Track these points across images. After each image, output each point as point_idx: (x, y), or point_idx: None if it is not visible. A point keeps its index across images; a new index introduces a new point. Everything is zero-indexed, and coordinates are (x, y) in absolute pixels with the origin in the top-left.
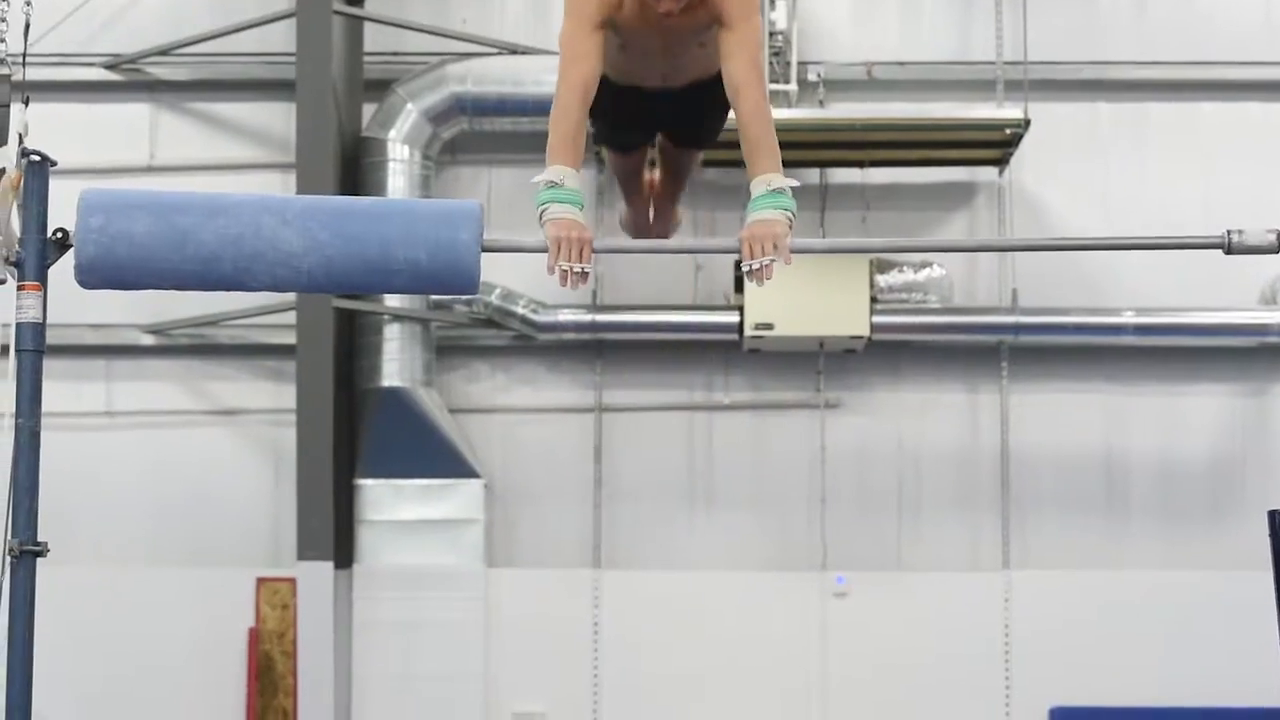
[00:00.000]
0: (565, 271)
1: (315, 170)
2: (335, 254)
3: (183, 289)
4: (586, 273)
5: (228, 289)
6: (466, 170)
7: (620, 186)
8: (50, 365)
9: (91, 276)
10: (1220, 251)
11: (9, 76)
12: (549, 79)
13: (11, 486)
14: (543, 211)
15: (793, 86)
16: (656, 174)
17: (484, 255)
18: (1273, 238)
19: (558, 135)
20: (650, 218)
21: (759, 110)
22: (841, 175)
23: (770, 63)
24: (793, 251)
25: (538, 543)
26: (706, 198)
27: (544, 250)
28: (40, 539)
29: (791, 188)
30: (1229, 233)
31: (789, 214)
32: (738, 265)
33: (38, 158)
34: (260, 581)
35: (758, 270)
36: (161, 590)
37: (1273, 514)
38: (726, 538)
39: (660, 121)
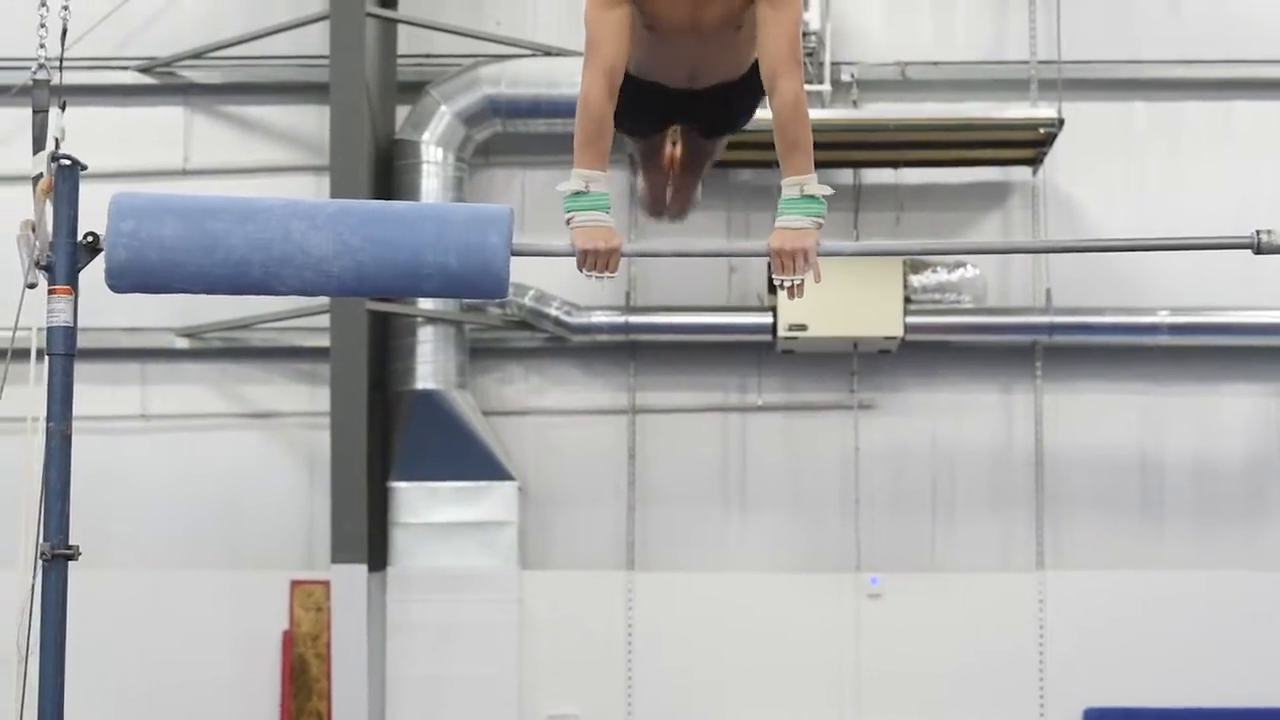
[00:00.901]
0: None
1: (349, 173)
2: (365, 258)
3: (213, 293)
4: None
5: (258, 293)
6: (500, 172)
7: (638, 161)
8: (84, 369)
9: (122, 280)
10: (1251, 252)
11: (47, 81)
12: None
13: (43, 490)
14: (569, 219)
15: (826, 87)
16: (678, 149)
17: (517, 258)
18: None
19: (582, 136)
20: (668, 196)
21: (797, 102)
22: (875, 176)
23: (804, 63)
24: (823, 255)
25: (571, 545)
26: (740, 198)
27: (573, 255)
28: (73, 543)
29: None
30: (1258, 232)
31: (819, 220)
32: (770, 268)
33: (68, 162)
34: (294, 584)
35: (789, 288)
36: (196, 593)
37: None
38: (760, 539)
39: (684, 117)
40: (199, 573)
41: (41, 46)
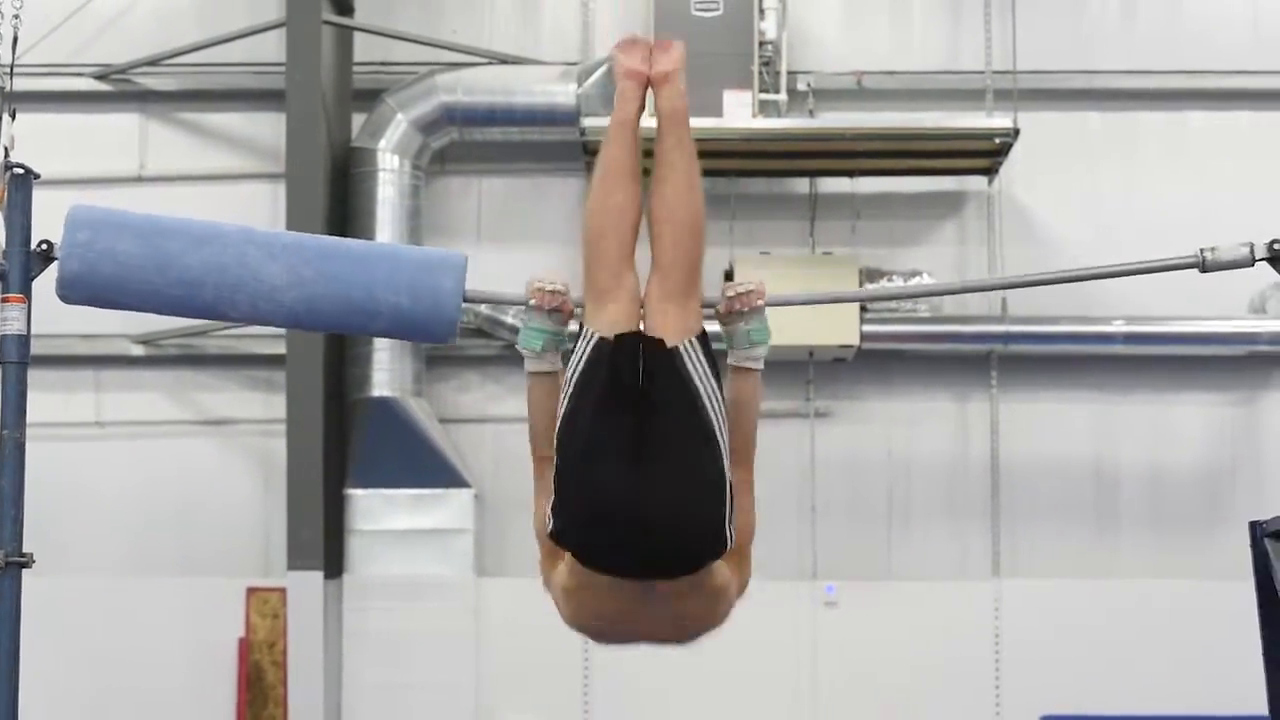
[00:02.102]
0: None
1: (305, 181)
2: (319, 292)
3: (163, 313)
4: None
5: (209, 317)
6: (456, 180)
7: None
8: (39, 376)
9: (73, 292)
10: (1198, 271)
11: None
12: (539, 89)
13: None
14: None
15: (782, 96)
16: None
17: (475, 262)
18: (1245, 252)
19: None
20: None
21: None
22: (831, 184)
23: (760, 72)
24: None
25: (528, 552)
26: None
27: (522, 303)
28: (27, 550)
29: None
30: (1202, 251)
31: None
32: (727, 275)
33: (21, 170)
34: (250, 591)
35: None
36: (151, 601)
37: (1254, 525)
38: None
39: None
40: (154, 580)
41: None
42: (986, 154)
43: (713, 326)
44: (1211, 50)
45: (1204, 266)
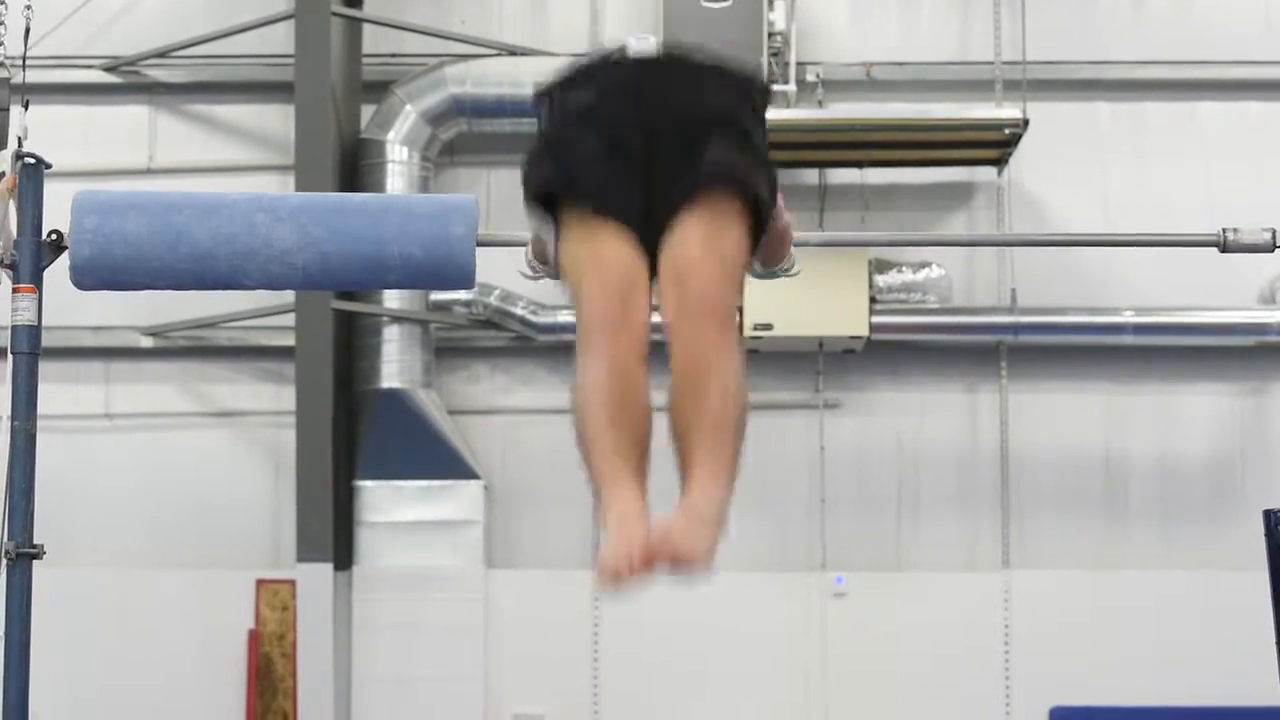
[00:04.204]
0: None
1: (314, 172)
2: (330, 250)
3: (178, 288)
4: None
5: (223, 287)
6: (465, 172)
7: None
8: (48, 368)
9: (87, 277)
10: (1217, 250)
11: (9, 80)
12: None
13: (7, 489)
14: None
15: (791, 87)
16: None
17: (484, 257)
18: (1268, 236)
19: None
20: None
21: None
22: (840, 175)
23: (769, 63)
24: (796, 246)
25: (537, 544)
26: None
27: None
28: (37, 541)
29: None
30: (1224, 231)
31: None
32: None
33: (32, 160)
34: (260, 583)
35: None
36: (161, 593)
37: (1268, 514)
38: (725, 538)
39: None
40: (164, 572)
41: (2, 44)
42: (996, 144)
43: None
44: (1222, 40)
45: (1225, 246)
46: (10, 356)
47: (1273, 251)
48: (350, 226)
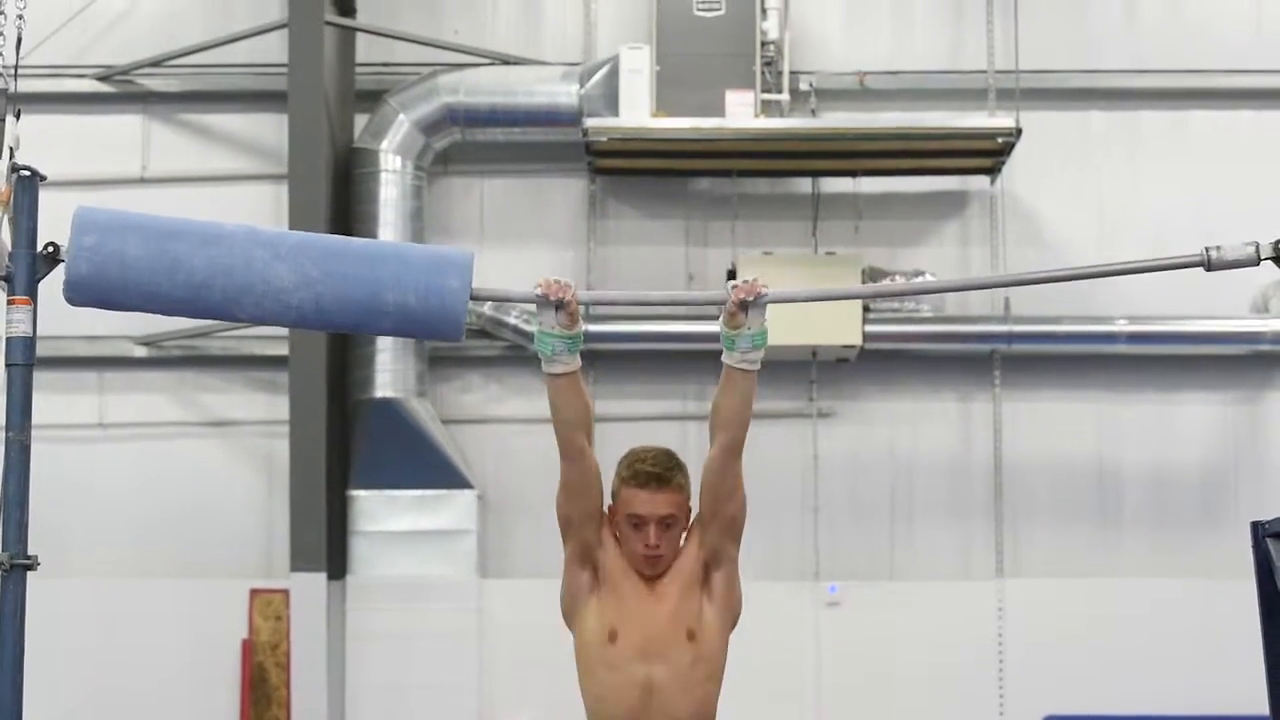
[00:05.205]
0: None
1: (307, 181)
2: (325, 291)
3: (170, 314)
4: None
5: (216, 318)
6: (459, 180)
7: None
8: (42, 377)
9: (80, 294)
10: (1203, 270)
11: (3, 90)
12: (541, 89)
13: (2, 500)
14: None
15: (785, 96)
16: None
17: (478, 266)
18: (1251, 250)
19: None
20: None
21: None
22: (834, 184)
23: (762, 72)
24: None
25: (531, 553)
26: (699, 206)
27: (531, 299)
28: (32, 552)
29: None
30: (1207, 250)
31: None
32: (730, 275)
33: (27, 172)
34: (253, 593)
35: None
36: (154, 602)
37: (1255, 525)
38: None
39: None
40: (158, 582)
41: None
42: (989, 153)
43: (713, 329)
44: (1214, 49)
45: (1209, 265)
46: (4, 368)
47: (1258, 265)
48: (347, 270)
